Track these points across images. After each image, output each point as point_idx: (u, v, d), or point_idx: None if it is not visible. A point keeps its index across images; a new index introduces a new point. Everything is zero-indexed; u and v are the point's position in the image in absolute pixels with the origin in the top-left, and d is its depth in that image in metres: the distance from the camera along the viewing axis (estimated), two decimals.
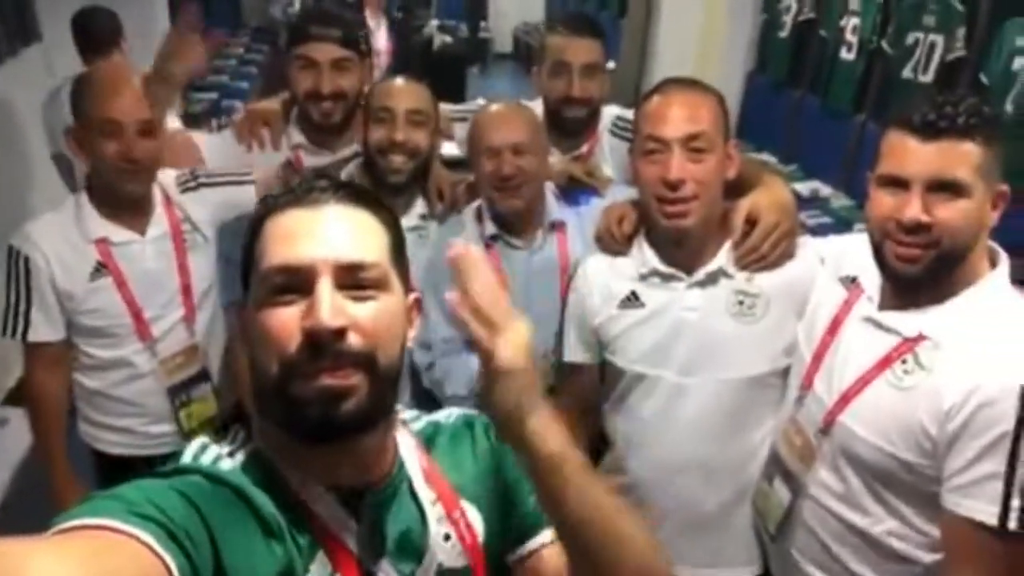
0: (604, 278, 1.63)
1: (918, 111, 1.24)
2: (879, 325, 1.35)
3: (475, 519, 0.96)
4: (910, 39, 4.01)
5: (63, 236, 1.80)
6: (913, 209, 1.24)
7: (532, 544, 0.99)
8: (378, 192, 1.80)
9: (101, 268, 1.81)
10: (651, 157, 1.48)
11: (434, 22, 9.46)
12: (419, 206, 1.96)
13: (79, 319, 1.83)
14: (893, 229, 1.27)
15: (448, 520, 0.93)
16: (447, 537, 0.92)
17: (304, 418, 0.81)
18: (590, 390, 1.71)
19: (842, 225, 3.78)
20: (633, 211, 1.64)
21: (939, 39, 3.84)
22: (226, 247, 1.95)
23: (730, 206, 1.55)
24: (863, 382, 1.34)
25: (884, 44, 4.25)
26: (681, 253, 1.54)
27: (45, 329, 1.82)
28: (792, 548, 1.49)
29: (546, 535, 0.98)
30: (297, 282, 0.82)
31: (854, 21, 4.48)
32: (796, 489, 1.46)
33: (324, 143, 2.08)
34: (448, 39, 9.16)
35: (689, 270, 1.54)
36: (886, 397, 1.31)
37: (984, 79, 3.52)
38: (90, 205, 1.83)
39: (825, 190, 4.35)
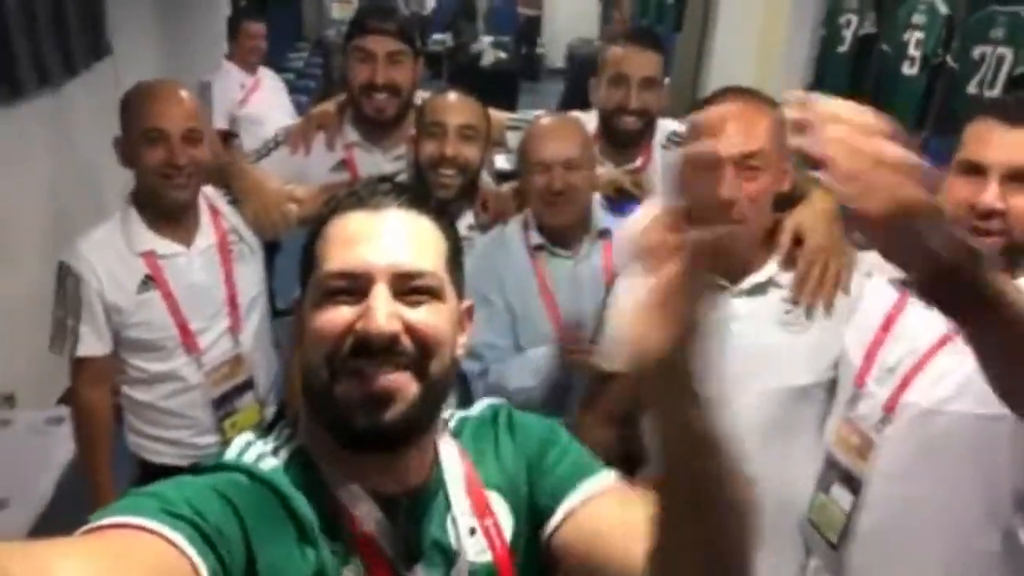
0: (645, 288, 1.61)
1: (1005, 101, 1.24)
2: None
3: (503, 514, 0.94)
4: (976, 53, 3.92)
5: (112, 249, 1.82)
6: (989, 195, 1.22)
7: (569, 504, 0.91)
8: None
9: (148, 281, 1.82)
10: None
11: (487, 39, 9.54)
12: (467, 217, 1.98)
13: (127, 332, 1.84)
14: (965, 215, 1.25)
15: (480, 524, 0.93)
16: (477, 540, 0.92)
17: (350, 426, 0.82)
18: (628, 399, 1.70)
19: None
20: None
21: (1008, 52, 3.75)
22: None
23: (777, 218, 1.53)
24: (925, 358, 1.33)
25: (949, 59, 4.16)
26: (725, 264, 1.51)
27: (93, 344, 1.83)
28: (860, 551, 1.45)
29: (587, 488, 0.91)
30: (354, 286, 0.83)
31: (917, 35, 4.39)
32: (857, 489, 1.43)
33: (377, 140, 2.11)
34: (502, 55, 9.23)
35: (735, 279, 1.52)
36: (954, 364, 1.28)
37: None
38: (138, 217, 1.84)
39: None
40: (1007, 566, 1.34)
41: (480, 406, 1.05)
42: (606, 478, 0.94)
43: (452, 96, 1.94)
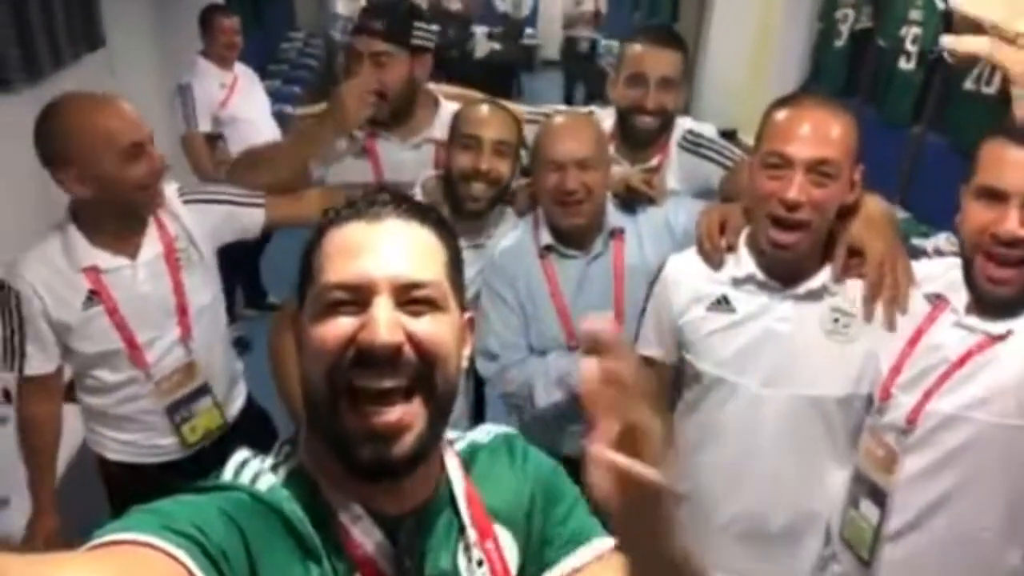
0: (694, 277, 1.60)
1: (1020, 121, 1.22)
2: (968, 328, 1.33)
3: (509, 545, 0.94)
4: None
5: (52, 267, 1.76)
6: (1011, 222, 1.20)
7: (568, 564, 0.94)
8: (456, 211, 1.84)
9: (93, 297, 1.78)
10: (773, 172, 1.42)
11: (482, 28, 9.50)
12: (491, 229, 1.97)
13: (75, 346, 1.81)
14: (988, 243, 1.24)
15: (482, 547, 0.91)
16: (480, 564, 0.91)
17: (356, 457, 0.80)
18: (657, 388, 1.69)
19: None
20: (737, 216, 1.60)
21: None
22: None
23: (833, 227, 1.50)
24: (946, 376, 1.32)
25: (945, 54, 4.15)
26: (783, 265, 1.50)
27: (40, 362, 1.81)
28: (889, 565, 1.45)
29: (583, 555, 0.94)
30: (354, 297, 0.82)
31: (914, 30, 4.38)
32: (883, 502, 1.42)
33: (390, 129, 2.10)
34: (497, 46, 9.19)
35: (787, 281, 1.51)
36: (977, 376, 1.29)
37: None
38: (78, 233, 1.78)
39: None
40: None
41: (490, 432, 1.02)
42: (605, 543, 0.94)
43: (487, 109, 1.91)
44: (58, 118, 1.70)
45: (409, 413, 0.81)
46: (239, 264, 4.22)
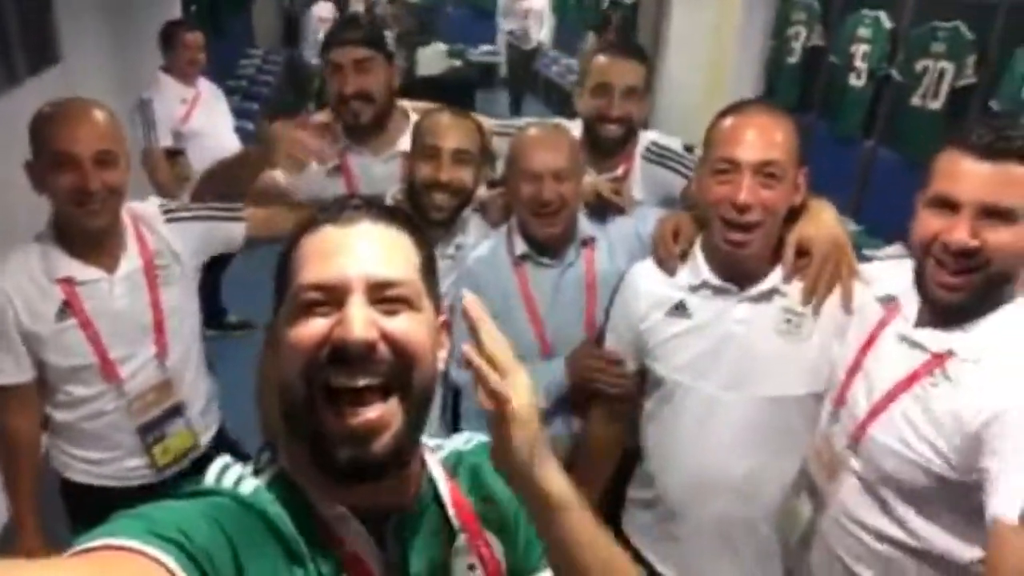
0: (652, 284, 1.63)
1: (975, 132, 1.22)
2: (911, 342, 1.35)
3: (497, 548, 0.94)
4: (919, 66, 4.05)
5: (28, 276, 1.73)
6: (961, 233, 1.22)
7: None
8: (422, 221, 1.84)
9: (66, 309, 1.73)
10: (722, 177, 1.46)
11: (442, 46, 9.52)
12: (458, 237, 1.98)
13: (48, 360, 1.77)
14: (938, 251, 1.25)
15: (472, 549, 0.91)
16: (472, 567, 0.91)
17: (333, 458, 0.80)
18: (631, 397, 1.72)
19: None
20: (689, 224, 1.64)
21: (949, 66, 3.88)
22: None
23: (783, 230, 1.54)
24: (890, 397, 1.34)
25: (893, 71, 4.29)
26: (736, 268, 1.54)
27: (12, 371, 1.76)
28: (811, 562, 1.49)
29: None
30: (329, 297, 0.82)
31: (864, 48, 4.52)
32: (818, 504, 1.46)
33: (366, 143, 2.11)
34: (457, 63, 9.22)
35: (742, 284, 1.55)
36: (914, 411, 1.31)
37: (995, 106, 3.55)
38: (55, 243, 1.75)
39: None
40: None
41: (470, 440, 1.02)
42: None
43: (446, 118, 1.91)
44: (34, 118, 1.70)
45: (387, 412, 0.81)
46: (200, 284, 4.17)
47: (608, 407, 1.76)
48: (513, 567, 0.95)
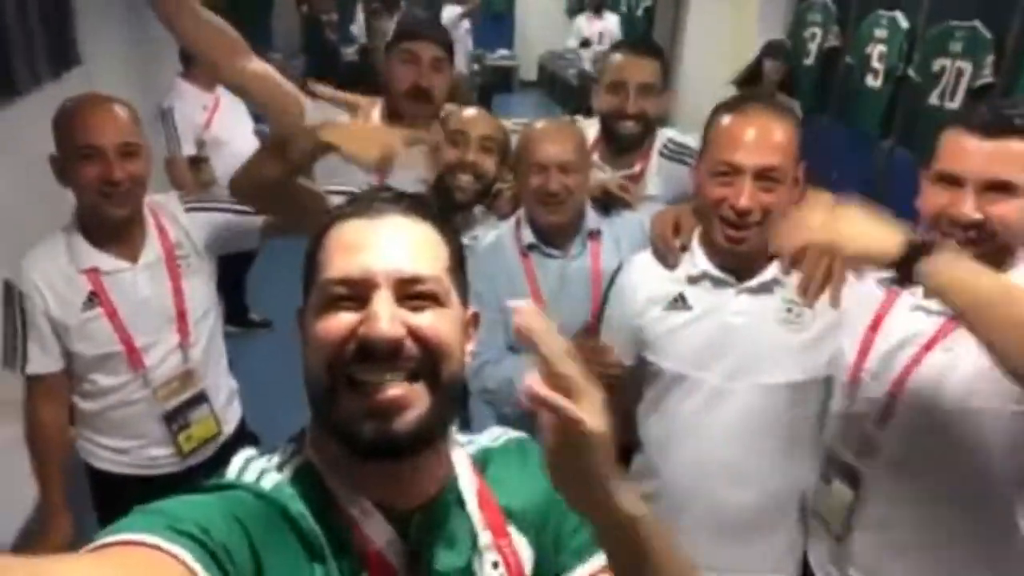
0: (650, 278, 1.64)
1: (976, 112, 1.29)
2: (927, 310, 1.38)
3: (523, 548, 0.92)
4: (936, 66, 4.02)
5: (55, 267, 1.79)
6: (967, 206, 1.28)
7: (583, 571, 0.93)
8: (442, 211, 1.86)
9: (93, 298, 1.79)
10: (722, 179, 1.46)
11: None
12: (476, 228, 2.03)
13: (75, 349, 1.82)
14: (945, 224, 1.30)
15: (496, 547, 0.90)
16: (495, 565, 0.89)
17: (358, 436, 0.79)
18: (621, 390, 1.72)
19: None
20: (689, 217, 1.65)
21: (967, 66, 3.85)
22: None
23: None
24: (915, 361, 1.37)
25: (911, 71, 4.26)
26: (734, 260, 1.55)
27: (42, 361, 1.82)
28: (861, 543, 1.49)
29: (590, 566, 0.93)
30: (355, 292, 0.81)
31: (880, 48, 4.49)
32: (857, 484, 1.47)
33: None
34: (475, 67, 9.26)
35: (741, 276, 1.55)
36: (944, 362, 1.34)
37: None
38: (80, 235, 1.81)
39: None
40: (1007, 557, 1.38)
41: (499, 437, 1.00)
42: (602, 558, 0.92)
43: (474, 110, 2.06)
44: (58, 113, 1.76)
45: (412, 392, 0.80)
46: (221, 281, 4.20)
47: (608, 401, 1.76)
48: (541, 566, 0.93)
